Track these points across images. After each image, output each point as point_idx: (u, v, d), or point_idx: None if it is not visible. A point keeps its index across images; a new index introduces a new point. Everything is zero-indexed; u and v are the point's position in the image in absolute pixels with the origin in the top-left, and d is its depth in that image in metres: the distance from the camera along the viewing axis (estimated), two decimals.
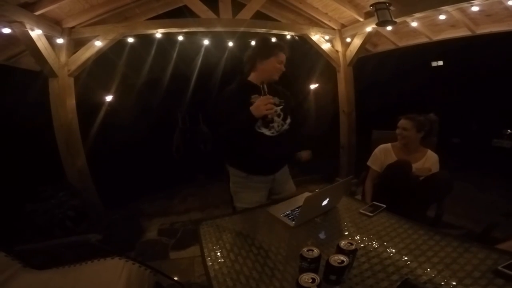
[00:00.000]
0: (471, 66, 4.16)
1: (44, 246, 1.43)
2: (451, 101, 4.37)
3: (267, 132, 1.52)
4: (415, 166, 1.76)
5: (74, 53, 2.59)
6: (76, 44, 2.64)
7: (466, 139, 4.46)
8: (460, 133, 4.46)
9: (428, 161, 1.83)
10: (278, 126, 1.55)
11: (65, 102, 2.56)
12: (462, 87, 4.44)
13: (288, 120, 1.60)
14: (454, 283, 0.84)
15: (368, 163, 2.01)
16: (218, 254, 1.10)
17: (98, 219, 2.69)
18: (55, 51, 2.45)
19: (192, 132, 4.23)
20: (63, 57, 2.52)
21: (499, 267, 0.85)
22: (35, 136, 2.75)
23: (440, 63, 4.98)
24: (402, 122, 1.87)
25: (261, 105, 1.33)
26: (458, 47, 3.36)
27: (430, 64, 5.04)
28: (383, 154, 1.95)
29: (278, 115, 1.55)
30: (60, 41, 2.48)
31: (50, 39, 2.39)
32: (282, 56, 1.52)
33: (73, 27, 2.57)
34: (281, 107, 1.56)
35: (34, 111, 2.78)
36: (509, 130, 4.07)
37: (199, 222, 1.35)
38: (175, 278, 1.56)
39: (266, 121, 1.43)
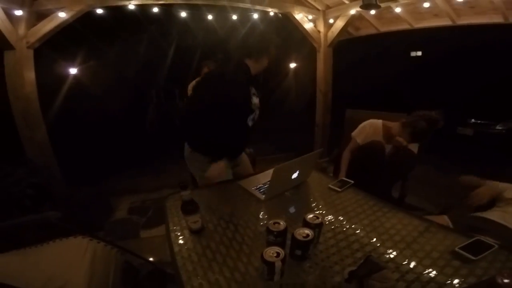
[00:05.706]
0: (445, 56, 4.31)
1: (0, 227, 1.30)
2: (424, 88, 4.54)
3: (250, 122, 1.52)
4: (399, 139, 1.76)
5: (36, 25, 2.35)
6: (40, 16, 2.38)
7: None
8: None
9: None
10: (256, 116, 1.55)
11: (22, 74, 2.36)
12: (435, 75, 4.61)
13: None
14: (414, 263, 0.86)
15: (353, 134, 1.95)
16: (184, 228, 1.07)
17: (63, 198, 2.52)
18: (12, 23, 2.22)
19: (167, 107, 4.08)
20: (22, 29, 2.29)
21: (456, 248, 0.87)
22: None
23: (419, 53, 5.10)
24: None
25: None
26: (436, 36, 3.43)
27: (407, 51, 5.15)
28: (372, 129, 1.90)
29: (259, 107, 1.54)
30: (19, 13, 2.23)
31: (8, 11, 2.15)
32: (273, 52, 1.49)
33: None
34: (258, 98, 1.55)
35: None
36: (472, 119, 4.36)
37: (166, 197, 1.30)
38: (144, 257, 1.51)
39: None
